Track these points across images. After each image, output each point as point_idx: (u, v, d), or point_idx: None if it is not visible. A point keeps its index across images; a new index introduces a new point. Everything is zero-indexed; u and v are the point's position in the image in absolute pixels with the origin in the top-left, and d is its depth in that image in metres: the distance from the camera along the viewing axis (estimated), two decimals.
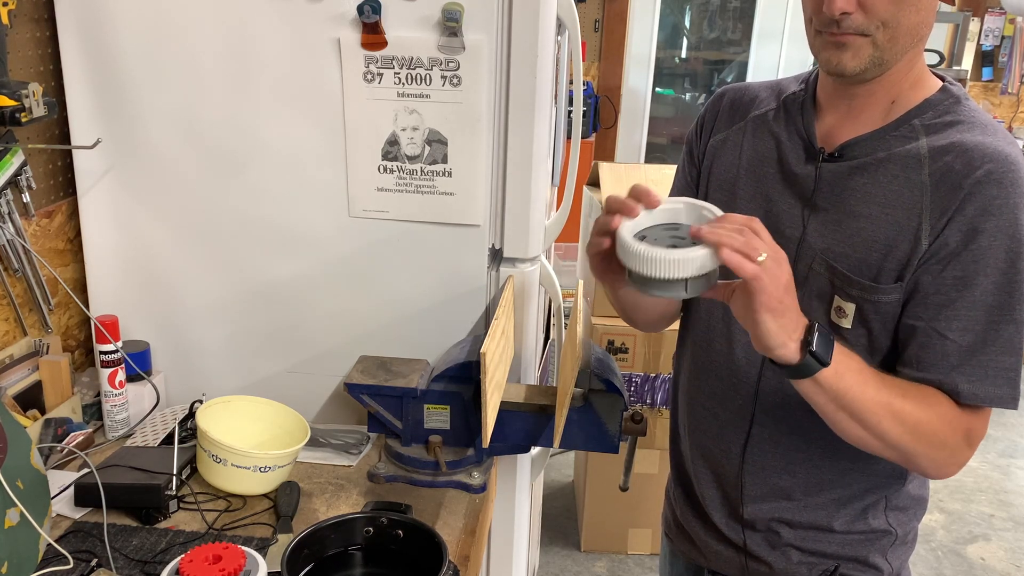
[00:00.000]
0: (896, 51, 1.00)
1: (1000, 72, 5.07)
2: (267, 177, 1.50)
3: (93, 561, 1.16)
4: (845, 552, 1.15)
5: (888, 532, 1.14)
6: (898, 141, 1.03)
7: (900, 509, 1.15)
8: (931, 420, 1.00)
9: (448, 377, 1.39)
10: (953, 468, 1.03)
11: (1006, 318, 0.97)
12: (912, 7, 0.98)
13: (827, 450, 1.12)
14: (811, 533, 1.15)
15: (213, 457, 1.32)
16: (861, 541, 1.14)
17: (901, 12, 0.98)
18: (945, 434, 1.00)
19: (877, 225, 1.02)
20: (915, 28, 1.00)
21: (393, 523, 1.19)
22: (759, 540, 1.19)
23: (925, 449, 1.00)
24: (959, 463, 1.02)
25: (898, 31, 0.99)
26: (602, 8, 4.90)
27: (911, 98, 1.04)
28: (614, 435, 1.35)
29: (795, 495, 1.15)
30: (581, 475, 2.96)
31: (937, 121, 1.02)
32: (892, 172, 1.02)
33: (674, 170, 1.32)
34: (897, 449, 1.00)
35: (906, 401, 0.99)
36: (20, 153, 1.43)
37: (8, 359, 1.43)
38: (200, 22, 1.43)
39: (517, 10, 1.37)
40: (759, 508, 1.18)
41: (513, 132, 1.44)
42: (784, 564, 1.17)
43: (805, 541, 1.15)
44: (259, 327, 1.59)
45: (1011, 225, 0.96)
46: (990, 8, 4.92)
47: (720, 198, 1.16)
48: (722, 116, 1.22)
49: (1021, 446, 3.74)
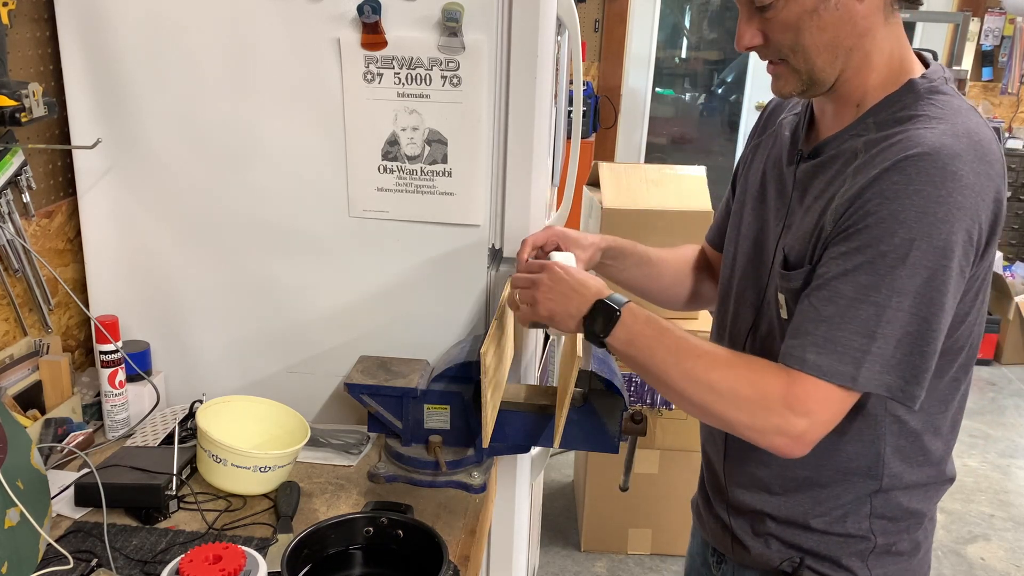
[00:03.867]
0: (821, 69, 1.03)
1: (1000, 72, 5.07)
2: (267, 177, 1.50)
3: (93, 561, 1.16)
4: (820, 550, 1.15)
5: (866, 538, 1.13)
6: (849, 139, 1.05)
7: (888, 518, 1.13)
8: (739, 385, 0.99)
9: (448, 377, 1.39)
10: (782, 439, 0.98)
11: (870, 299, 0.95)
12: (813, 28, 1.00)
13: None
14: (791, 528, 1.16)
15: (213, 457, 1.32)
16: (838, 543, 1.14)
17: (801, 36, 1.01)
18: (756, 399, 0.98)
19: (811, 217, 1.06)
20: (829, 44, 1.02)
21: (393, 523, 1.19)
22: (744, 525, 1.21)
23: (736, 414, 1.00)
24: (789, 434, 0.98)
25: (810, 53, 1.02)
26: (602, 8, 4.90)
27: (876, 97, 1.05)
28: (614, 435, 1.35)
29: (773, 487, 1.16)
30: (581, 475, 2.96)
31: (890, 117, 1.02)
32: (835, 168, 1.05)
33: (674, 170, 1.35)
34: (705, 411, 1.02)
35: (712, 367, 1.01)
36: (20, 153, 1.43)
37: (8, 359, 1.43)
38: (200, 22, 1.43)
39: (517, 10, 1.37)
40: (743, 496, 1.20)
41: (513, 132, 1.44)
42: (762, 549, 1.18)
43: (785, 533, 1.16)
44: (259, 327, 1.59)
45: (903, 210, 0.94)
46: (990, 8, 4.92)
47: (752, 195, 1.22)
48: (760, 123, 1.30)
49: (1021, 446, 3.75)
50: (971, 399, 4.10)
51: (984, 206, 0.96)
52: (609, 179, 2.63)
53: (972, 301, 1.04)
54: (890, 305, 0.95)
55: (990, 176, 0.97)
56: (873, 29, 1.02)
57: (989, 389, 4.33)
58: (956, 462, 1.20)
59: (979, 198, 0.95)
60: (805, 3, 1.00)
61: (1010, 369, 4.57)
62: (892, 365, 0.96)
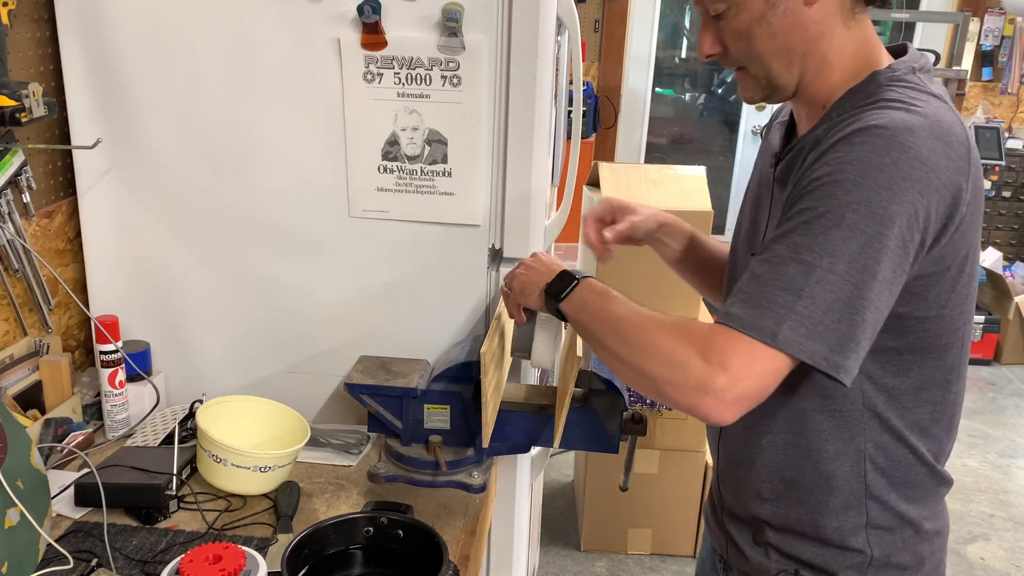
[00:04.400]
0: (777, 75, 1.05)
1: (1000, 72, 5.07)
2: (267, 177, 1.51)
3: (93, 561, 1.16)
4: (817, 562, 1.12)
5: (862, 552, 1.10)
6: (813, 132, 1.06)
7: (883, 528, 1.10)
8: (667, 340, 0.97)
9: (448, 377, 1.40)
10: (703, 398, 0.93)
11: (801, 257, 0.93)
12: (764, 35, 1.02)
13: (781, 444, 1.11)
14: (789, 537, 1.14)
15: (213, 457, 1.32)
16: (835, 555, 1.11)
17: (753, 44, 1.03)
18: (678, 352, 0.95)
19: (783, 208, 1.05)
20: (781, 50, 1.03)
21: (393, 523, 1.19)
22: (745, 533, 1.19)
23: (660, 369, 0.96)
24: (710, 390, 0.93)
25: (764, 58, 1.04)
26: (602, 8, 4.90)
27: (841, 94, 1.05)
28: (614, 435, 1.35)
29: (764, 491, 1.14)
30: (581, 475, 2.96)
31: (851, 106, 1.02)
32: (801, 157, 1.05)
33: (674, 170, 1.35)
34: (637, 371, 0.99)
35: (647, 328, 1.00)
36: (20, 153, 1.43)
37: (8, 359, 1.43)
38: (200, 22, 1.44)
39: (517, 10, 1.37)
40: (737, 501, 1.19)
41: (513, 132, 1.44)
42: (762, 559, 1.17)
43: (784, 543, 1.14)
44: (259, 327, 1.59)
45: (845, 177, 0.93)
46: (990, 8, 4.92)
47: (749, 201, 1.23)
48: (763, 133, 1.30)
49: (1021, 446, 3.75)
50: (971, 399, 4.12)
51: (939, 184, 0.93)
52: (609, 179, 2.63)
53: (948, 294, 1.01)
54: (820, 265, 0.92)
55: (948, 156, 0.94)
56: (828, 33, 1.03)
57: (989, 389, 4.33)
58: (956, 462, 1.18)
59: (932, 174, 0.93)
60: (754, 10, 1.02)
61: (1010, 369, 4.57)
62: (819, 332, 0.91)
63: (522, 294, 1.24)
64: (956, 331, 1.05)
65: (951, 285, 1.01)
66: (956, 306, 1.03)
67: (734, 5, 1.03)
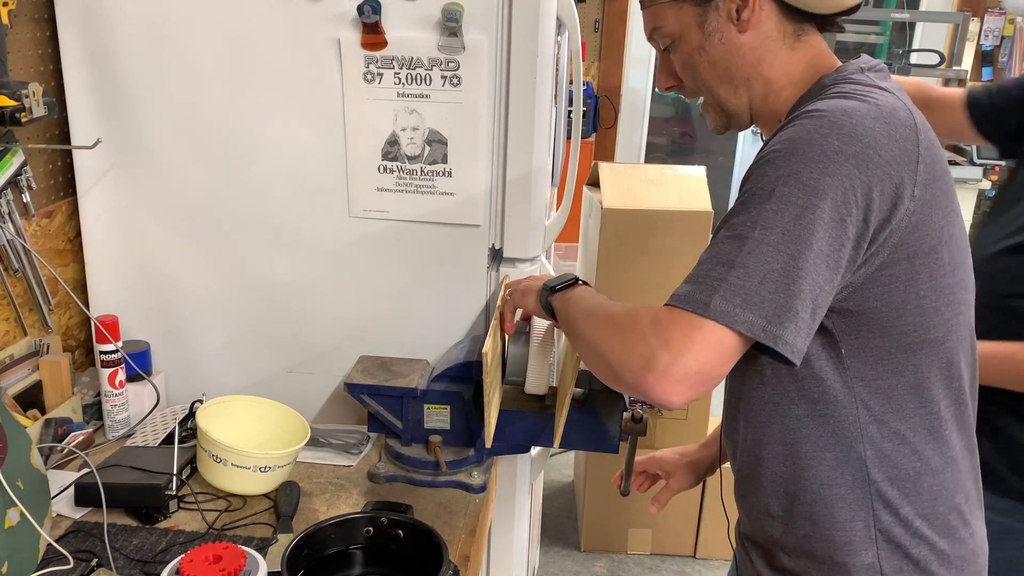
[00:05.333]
0: (727, 101, 1.09)
1: (1000, 72, 5.06)
2: (267, 177, 1.51)
3: (93, 561, 1.17)
4: None
5: (872, 567, 1.05)
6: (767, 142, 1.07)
7: (895, 543, 1.05)
8: (621, 319, 0.99)
9: (448, 377, 1.40)
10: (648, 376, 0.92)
11: (735, 232, 0.93)
12: (704, 64, 1.07)
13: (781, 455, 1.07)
14: (802, 560, 1.09)
15: (213, 457, 1.32)
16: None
17: (698, 73, 1.09)
18: (628, 329, 0.96)
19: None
20: (723, 78, 1.07)
21: (393, 523, 1.19)
22: (760, 558, 1.15)
23: (610, 345, 0.97)
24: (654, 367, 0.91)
25: (711, 87, 1.09)
26: (602, 8, 4.90)
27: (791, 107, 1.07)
28: (614, 435, 1.35)
29: (772, 507, 1.10)
30: (581, 475, 2.96)
31: (798, 110, 1.02)
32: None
33: (674, 170, 1.35)
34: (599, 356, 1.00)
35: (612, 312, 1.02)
36: (20, 153, 1.43)
37: (8, 359, 1.43)
38: (200, 22, 1.44)
39: (517, 10, 1.37)
40: (750, 519, 1.15)
41: (513, 132, 1.44)
42: None
43: (797, 566, 1.09)
44: (259, 327, 1.59)
45: (776, 156, 0.93)
46: (990, 8, 4.92)
47: None
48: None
49: None
50: None
51: (880, 161, 0.92)
52: (609, 179, 2.63)
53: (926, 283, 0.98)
54: (752, 236, 0.92)
55: (891, 137, 0.93)
56: (767, 57, 1.05)
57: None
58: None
59: (870, 150, 0.91)
60: (692, 42, 1.06)
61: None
62: (755, 302, 0.90)
63: (523, 296, 1.25)
64: (946, 323, 1.01)
65: (927, 274, 0.98)
66: (940, 297, 1.00)
67: (676, 38, 1.08)
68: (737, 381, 1.11)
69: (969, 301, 1.06)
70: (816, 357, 1.01)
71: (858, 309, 0.98)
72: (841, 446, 1.04)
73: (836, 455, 1.04)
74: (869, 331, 0.98)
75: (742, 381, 1.09)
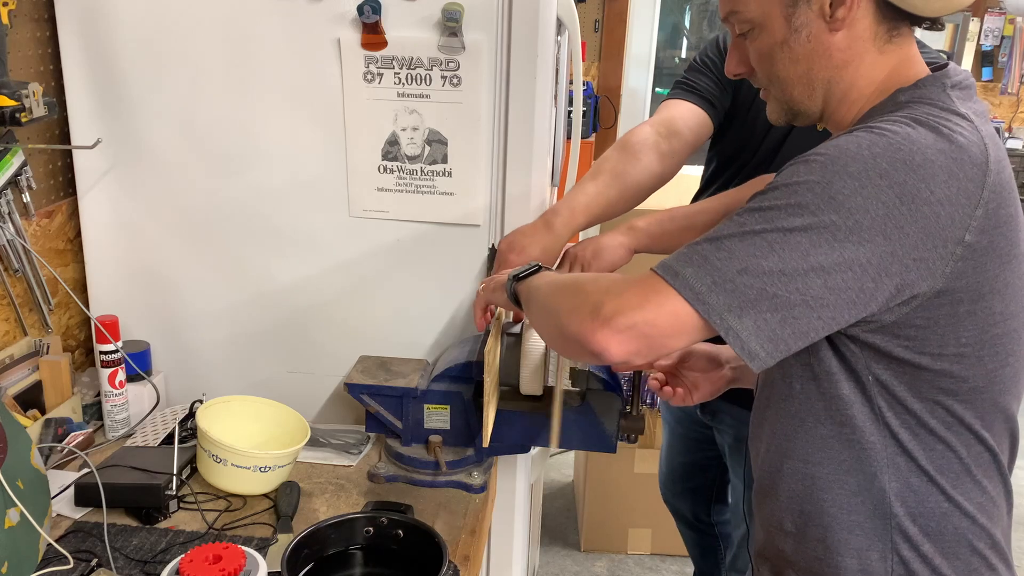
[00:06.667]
0: (799, 101, 1.02)
1: (1000, 72, 5.06)
2: (267, 177, 1.51)
3: (93, 561, 1.16)
4: None
5: None
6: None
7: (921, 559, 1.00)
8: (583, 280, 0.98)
9: (448, 377, 1.39)
10: (588, 320, 0.90)
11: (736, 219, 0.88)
12: (785, 59, 0.99)
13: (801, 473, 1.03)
14: None
15: (213, 457, 1.32)
16: None
17: (775, 67, 1.01)
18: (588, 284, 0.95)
19: None
20: (803, 76, 1.00)
21: (393, 523, 1.19)
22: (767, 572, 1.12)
23: (565, 301, 0.96)
24: (599, 315, 0.89)
25: (785, 84, 1.01)
26: (602, 8, 4.89)
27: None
28: (612, 434, 1.35)
29: (785, 522, 1.07)
30: (581, 475, 2.96)
31: (861, 125, 0.96)
32: None
33: None
34: (550, 312, 0.99)
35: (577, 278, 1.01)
36: (20, 153, 1.43)
37: (8, 359, 1.43)
38: (200, 22, 1.44)
39: (517, 10, 1.37)
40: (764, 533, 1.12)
41: (513, 132, 1.44)
42: None
43: None
44: (259, 327, 1.59)
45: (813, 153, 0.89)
46: (990, 8, 4.92)
47: None
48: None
49: (1021, 446, 3.73)
50: None
51: (930, 198, 0.85)
52: None
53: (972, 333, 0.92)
54: (752, 226, 0.88)
55: (954, 175, 0.86)
56: (855, 60, 0.98)
57: None
58: None
59: (923, 184, 0.85)
60: (775, 35, 0.98)
61: None
62: (725, 288, 0.86)
63: (492, 292, 1.23)
64: (989, 374, 0.96)
65: (971, 322, 0.92)
66: (985, 347, 0.94)
67: (757, 26, 0.99)
68: (767, 388, 1.07)
69: (1020, 353, 0.98)
70: (842, 380, 0.97)
71: (887, 347, 0.93)
72: (865, 474, 0.99)
73: (859, 482, 1.00)
74: (901, 368, 0.94)
75: (771, 389, 1.05)
